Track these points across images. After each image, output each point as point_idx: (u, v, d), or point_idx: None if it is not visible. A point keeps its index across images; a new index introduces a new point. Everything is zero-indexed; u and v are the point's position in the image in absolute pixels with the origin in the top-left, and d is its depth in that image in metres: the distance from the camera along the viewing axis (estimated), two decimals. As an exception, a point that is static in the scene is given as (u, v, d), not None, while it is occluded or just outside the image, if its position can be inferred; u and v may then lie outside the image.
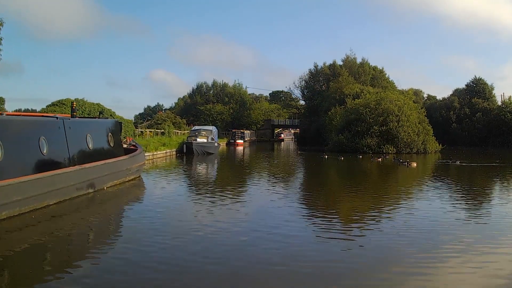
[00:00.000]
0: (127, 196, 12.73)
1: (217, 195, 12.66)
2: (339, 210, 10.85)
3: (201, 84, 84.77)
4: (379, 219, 9.54)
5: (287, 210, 10.67)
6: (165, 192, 13.40)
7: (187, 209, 10.72)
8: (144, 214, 9.65)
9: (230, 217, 9.63)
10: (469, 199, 12.54)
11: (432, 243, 7.40)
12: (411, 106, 41.38)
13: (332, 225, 8.86)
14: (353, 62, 68.09)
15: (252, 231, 8.24)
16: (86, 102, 29.16)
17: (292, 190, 15.15)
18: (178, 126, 56.10)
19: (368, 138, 36.71)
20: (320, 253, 6.86)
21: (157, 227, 8.39)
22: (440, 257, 6.58)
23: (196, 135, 34.98)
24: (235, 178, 18.68)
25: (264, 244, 7.22)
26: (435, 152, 39.17)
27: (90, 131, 12.61)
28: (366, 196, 13.10)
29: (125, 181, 14.25)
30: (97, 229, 8.66)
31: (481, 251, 6.94)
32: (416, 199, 12.51)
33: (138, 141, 33.01)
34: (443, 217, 9.67)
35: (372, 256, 6.74)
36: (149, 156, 25.78)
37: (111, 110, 31.76)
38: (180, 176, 18.91)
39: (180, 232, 8.16)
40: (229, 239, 7.60)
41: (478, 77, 70.87)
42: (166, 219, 9.49)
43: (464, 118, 64.58)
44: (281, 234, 7.90)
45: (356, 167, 24.90)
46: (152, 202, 11.60)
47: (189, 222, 9.03)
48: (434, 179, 18.19)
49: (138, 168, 15.50)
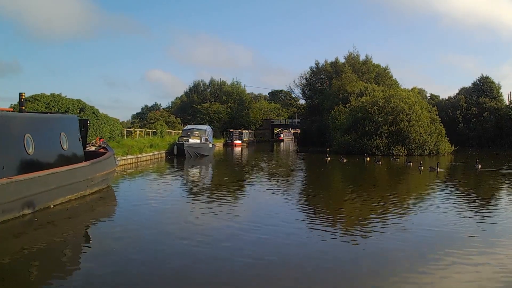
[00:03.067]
0: (82, 217, 9.57)
1: (208, 212, 9.78)
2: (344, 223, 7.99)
3: (198, 82, 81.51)
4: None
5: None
6: (138, 210, 10.26)
7: (167, 240, 7.59)
8: (100, 250, 6.69)
9: (220, 243, 6.63)
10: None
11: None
12: (422, 104, 38.35)
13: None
14: (356, 59, 65.15)
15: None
16: (63, 97, 26.03)
17: (293, 202, 12.07)
18: (172, 125, 52.98)
19: (377, 139, 33.67)
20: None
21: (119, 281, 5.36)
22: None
23: (188, 135, 31.49)
24: (230, 187, 15.42)
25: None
26: (448, 154, 36.24)
27: (32, 131, 9.45)
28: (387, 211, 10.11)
29: (84, 195, 11.16)
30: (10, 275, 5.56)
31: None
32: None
33: (126, 142, 30.11)
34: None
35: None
36: (132, 159, 22.66)
37: (93, 107, 28.61)
38: (165, 185, 15.77)
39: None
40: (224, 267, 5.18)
41: (485, 76, 69.07)
42: (136, 261, 6.25)
43: (471, 118, 62.61)
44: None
45: (363, 171, 21.84)
46: (117, 227, 8.55)
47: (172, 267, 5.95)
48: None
49: (105, 177, 12.35)
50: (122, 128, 32.87)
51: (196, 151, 29.71)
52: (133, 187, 14.48)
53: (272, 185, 15.67)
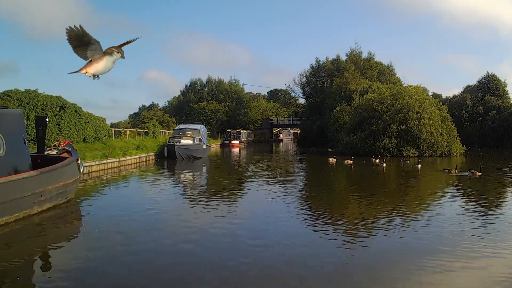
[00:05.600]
0: (18, 246, 7.06)
1: (195, 235, 7.31)
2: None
3: (195, 81, 78.66)
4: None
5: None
6: (107, 232, 7.75)
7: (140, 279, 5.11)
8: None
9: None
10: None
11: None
12: (432, 101, 35.89)
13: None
14: (358, 56, 62.74)
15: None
16: (40, 94, 23.45)
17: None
18: (167, 125, 50.44)
19: (386, 139, 31.16)
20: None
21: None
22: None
23: (180, 136, 28.61)
24: (224, 197, 12.85)
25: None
26: (459, 155, 33.81)
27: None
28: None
29: (31, 214, 8.60)
30: None
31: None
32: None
33: (114, 143, 27.52)
34: None
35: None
36: (114, 163, 20.04)
37: (76, 105, 26.04)
38: (147, 194, 13.23)
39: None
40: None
41: (491, 73, 67.50)
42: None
43: (477, 117, 60.90)
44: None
45: (378, 176, 19.35)
46: (71, 260, 6.04)
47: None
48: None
49: (63, 190, 9.76)
50: (109, 128, 30.31)
51: (189, 153, 27.07)
52: (106, 200, 11.89)
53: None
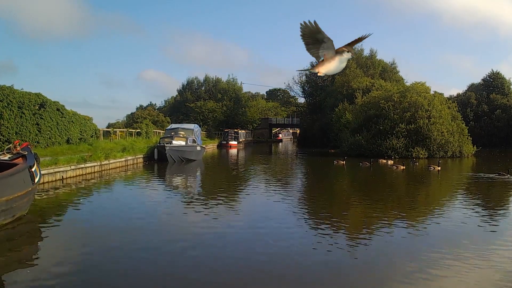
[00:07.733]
0: None
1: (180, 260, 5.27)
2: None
3: (192, 79, 76.50)
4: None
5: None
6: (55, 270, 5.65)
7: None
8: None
9: None
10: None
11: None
12: (442, 99, 33.85)
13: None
14: (360, 54, 60.80)
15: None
16: (16, 91, 21.24)
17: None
18: (161, 125, 48.28)
19: (393, 139, 29.08)
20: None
21: None
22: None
23: (171, 136, 26.37)
24: (216, 208, 10.68)
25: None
26: (470, 155, 31.80)
27: None
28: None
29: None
30: None
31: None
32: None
33: (102, 145, 25.39)
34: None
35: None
36: (95, 167, 17.86)
37: (58, 103, 23.87)
38: (127, 203, 11.09)
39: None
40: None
41: (496, 71, 65.79)
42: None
43: (482, 116, 59.25)
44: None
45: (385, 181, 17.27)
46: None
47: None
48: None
49: (11, 205, 7.57)
50: (96, 128, 28.14)
51: (181, 155, 24.86)
52: (71, 216, 9.73)
53: (270, 206, 11.00)
